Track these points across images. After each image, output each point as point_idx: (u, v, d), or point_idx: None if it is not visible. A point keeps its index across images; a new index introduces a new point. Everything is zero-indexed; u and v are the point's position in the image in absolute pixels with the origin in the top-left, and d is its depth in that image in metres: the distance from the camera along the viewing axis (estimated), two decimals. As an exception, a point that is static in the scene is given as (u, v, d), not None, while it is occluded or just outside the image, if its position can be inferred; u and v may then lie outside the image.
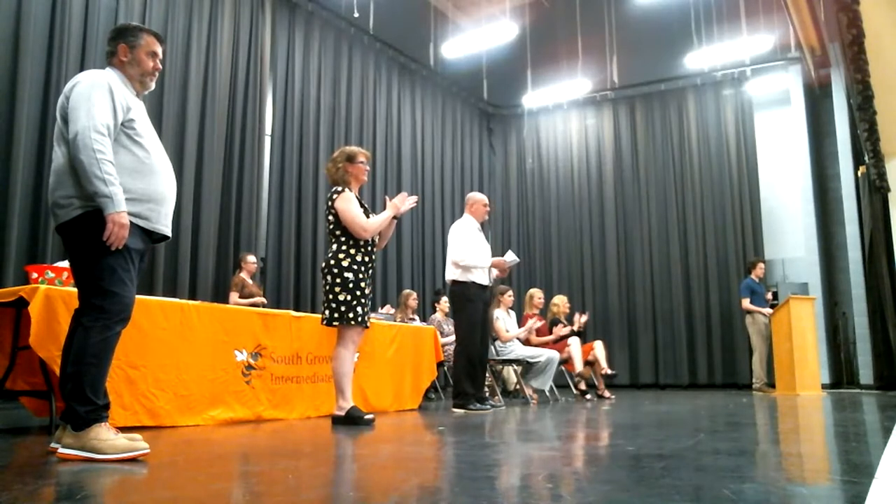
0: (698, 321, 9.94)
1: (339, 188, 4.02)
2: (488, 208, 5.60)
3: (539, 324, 7.03)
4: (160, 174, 2.54)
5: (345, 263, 3.90)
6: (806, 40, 9.03)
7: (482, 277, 5.26)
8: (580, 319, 7.30)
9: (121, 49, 2.56)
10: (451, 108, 11.03)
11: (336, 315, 3.87)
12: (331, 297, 3.90)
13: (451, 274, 5.24)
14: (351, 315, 3.87)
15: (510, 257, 5.50)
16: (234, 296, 6.41)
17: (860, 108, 6.54)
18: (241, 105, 7.46)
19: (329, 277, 3.92)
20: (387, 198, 4.23)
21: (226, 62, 7.34)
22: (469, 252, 5.21)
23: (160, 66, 2.67)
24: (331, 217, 4.00)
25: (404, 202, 4.15)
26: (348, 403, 3.89)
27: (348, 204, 3.94)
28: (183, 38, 6.93)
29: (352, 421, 3.80)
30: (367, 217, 4.01)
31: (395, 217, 4.11)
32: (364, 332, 4.10)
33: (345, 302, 3.87)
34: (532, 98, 10.98)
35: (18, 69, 5.45)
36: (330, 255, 3.98)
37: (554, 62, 9.83)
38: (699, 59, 9.52)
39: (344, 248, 3.94)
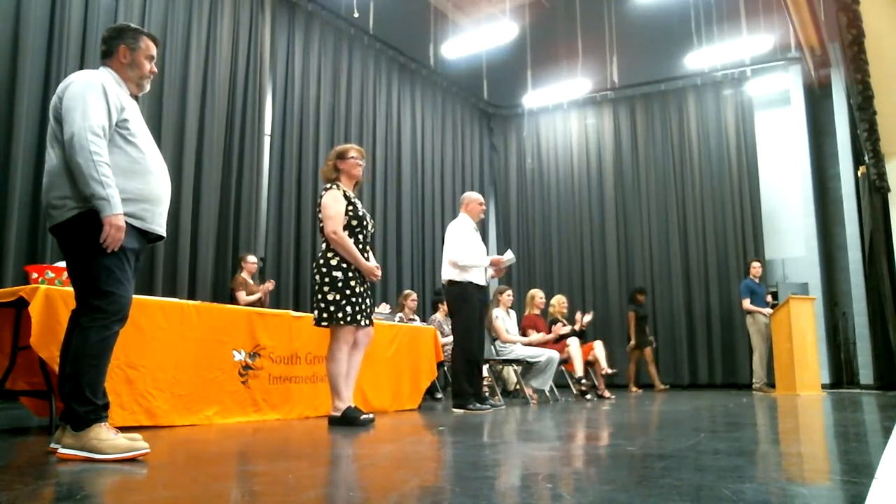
0: (698, 321, 9.94)
1: (328, 185, 3.99)
2: (483, 207, 5.58)
3: (566, 328, 7.06)
4: (154, 174, 2.53)
5: (333, 262, 3.84)
6: (806, 40, 9.03)
7: (479, 277, 5.26)
8: (582, 319, 7.29)
9: (121, 50, 2.56)
10: (451, 108, 11.03)
11: (325, 315, 3.80)
12: (319, 296, 3.83)
13: (448, 274, 5.23)
14: (340, 315, 3.79)
15: (508, 256, 5.53)
16: (241, 295, 6.42)
17: (860, 108, 6.53)
18: (241, 105, 7.46)
19: (318, 277, 3.85)
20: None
21: (225, 62, 7.34)
22: (467, 252, 5.21)
23: (156, 70, 2.68)
24: (321, 215, 3.95)
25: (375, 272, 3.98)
26: (344, 404, 3.82)
27: (331, 201, 3.90)
28: (182, 38, 6.92)
29: (348, 421, 3.75)
30: (361, 217, 3.94)
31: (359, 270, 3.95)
32: (361, 331, 3.95)
33: (333, 301, 3.79)
34: (532, 98, 10.97)
35: (18, 69, 5.45)
36: (320, 253, 3.93)
37: (554, 62, 9.82)
38: (699, 59, 9.52)
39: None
